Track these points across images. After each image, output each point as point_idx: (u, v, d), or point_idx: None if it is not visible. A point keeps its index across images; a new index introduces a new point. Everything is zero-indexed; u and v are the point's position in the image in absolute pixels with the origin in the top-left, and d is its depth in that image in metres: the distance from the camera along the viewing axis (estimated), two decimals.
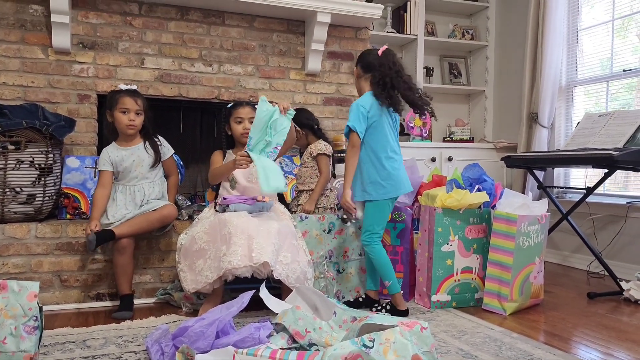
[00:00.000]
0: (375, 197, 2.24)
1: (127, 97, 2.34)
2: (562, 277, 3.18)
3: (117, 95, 2.35)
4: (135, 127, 2.38)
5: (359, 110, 2.23)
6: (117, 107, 2.33)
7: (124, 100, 2.33)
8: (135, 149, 2.40)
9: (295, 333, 1.72)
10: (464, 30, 4.43)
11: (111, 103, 2.36)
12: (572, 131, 3.29)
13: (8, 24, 2.61)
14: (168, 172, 2.53)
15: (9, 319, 1.56)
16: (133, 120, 2.35)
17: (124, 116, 2.34)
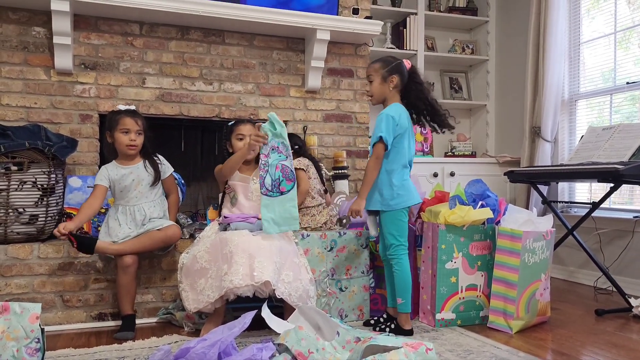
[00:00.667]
0: (393, 206, 2.26)
1: (127, 117, 2.34)
2: (568, 293, 3.14)
3: (117, 116, 2.36)
4: (136, 147, 2.38)
5: (390, 122, 2.24)
6: (118, 128, 2.34)
7: (125, 120, 2.34)
8: (134, 168, 2.40)
9: (298, 354, 1.69)
10: (464, 44, 4.45)
11: (111, 124, 2.36)
12: (576, 145, 3.27)
13: (11, 46, 2.64)
14: (168, 190, 2.53)
15: (11, 341, 1.57)
16: (134, 140, 2.36)
17: (125, 136, 2.34)
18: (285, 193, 2.21)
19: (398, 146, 2.28)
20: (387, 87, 2.32)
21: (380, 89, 2.32)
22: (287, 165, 2.23)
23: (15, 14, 2.64)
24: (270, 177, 2.19)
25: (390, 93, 2.33)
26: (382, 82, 2.31)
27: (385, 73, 2.31)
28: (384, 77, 2.31)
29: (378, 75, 2.31)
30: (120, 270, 2.24)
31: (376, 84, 2.32)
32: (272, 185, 2.19)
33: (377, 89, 2.33)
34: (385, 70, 2.31)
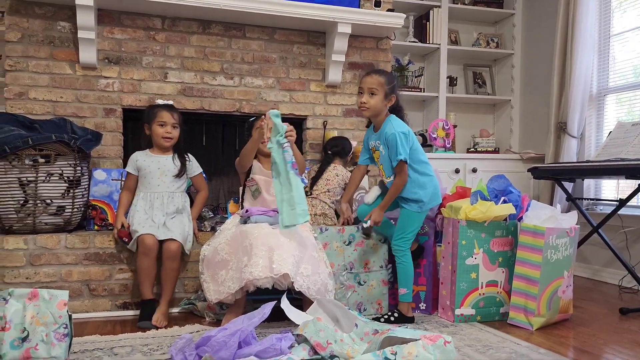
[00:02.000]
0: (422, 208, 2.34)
1: (164, 111, 2.47)
2: (592, 291, 3.08)
3: (155, 109, 2.49)
4: (171, 139, 2.49)
5: (405, 140, 2.27)
6: (155, 121, 2.46)
7: (162, 114, 2.46)
8: (162, 158, 2.50)
9: (317, 344, 1.71)
10: (489, 38, 4.38)
11: (149, 117, 2.48)
12: (604, 141, 3.20)
13: (37, 41, 2.70)
14: (198, 188, 2.64)
15: (40, 326, 1.62)
16: (169, 132, 2.47)
17: (161, 129, 2.46)
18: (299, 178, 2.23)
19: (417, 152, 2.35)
20: (386, 105, 2.32)
21: (380, 106, 2.31)
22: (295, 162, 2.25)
23: (41, 8, 2.70)
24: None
25: (385, 110, 2.34)
26: (384, 99, 2.30)
27: (388, 90, 2.29)
28: (387, 95, 2.30)
29: (382, 90, 2.28)
30: (141, 254, 2.28)
31: (378, 100, 2.28)
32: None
33: (378, 105, 2.30)
34: (389, 87, 2.29)
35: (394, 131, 2.26)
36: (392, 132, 2.26)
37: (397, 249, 2.36)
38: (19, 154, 2.28)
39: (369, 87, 2.28)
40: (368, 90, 2.28)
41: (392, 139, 2.26)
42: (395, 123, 2.31)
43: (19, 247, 2.30)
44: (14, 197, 2.29)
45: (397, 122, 2.32)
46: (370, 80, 2.29)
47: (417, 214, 2.34)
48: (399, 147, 2.24)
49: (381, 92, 2.27)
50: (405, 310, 2.35)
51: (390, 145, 2.27)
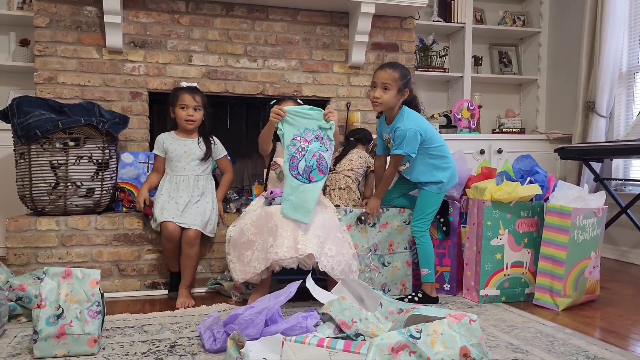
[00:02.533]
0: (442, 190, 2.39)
1: (186, 94, 2.48)
2: (619, 273, 3.04)
3: (177, 92, 2.51)
4: (194, 121, 2.50)
5: (414, 139, 2.27)
6: (178, 104, 2.48)
7: (184, 97, 2.47)
8: (189, 142, 2.52)
9: (342, 323, 1.73)
10: (515, 16, 4.28)
11: (173, 100, 2.51)
12: (634, 120, 3.12)
13: (65, 26, 2.74)
14: (223, 170, 2.66)
15: (74, 303, 1.67)
16: (191, 115, 2.48)
17: (183, 112, 2.48)
18: (313, 182, 2.22)
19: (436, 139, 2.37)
20: (399, 99, 2.30)
21: (393, 100, 2.28)
22: (325, 157, 2.24)
23: None
24: (304, 162, 2.21)
25: (397, 104, 2.32)
26: (397, 94, 2.27)
27: (402, 85, 2.27)
28: (400, 90, 2.27)
29: (396, 85, 2.25)
30: (164, 238, 2.32)
31: (392, 95, 2.26)
32: (304, 170, 2.21)
33: (391, 100, 2.27)
34: (402, 82, 2.26)
35: (405, 128, 2.26)
36: (402, 129, 2.26)
37: (417, 230, 2.38)
38: (50, 138, 2.34)
39: (382, 81, 2.25)
40: (381, 84, 2.25)
41: (401, 135, 2.26)
42: (408, 119, 2.29)
43: (51, 228, 2.38)
44: (46, 180, 2.36)
45: (410, 117, 2.30)
46: (384, 75, 2.25)
47: (437, 194, 2.37)
48: (403, 143, 2.26)
49: (394, 87, 2.25)
50: (429, 290, 2.37)
51: (397, 138, 2.28)
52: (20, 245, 2.34)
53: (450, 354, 1.43)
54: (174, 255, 2.38)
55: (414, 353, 1.43)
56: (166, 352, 1.71)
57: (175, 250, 2.37)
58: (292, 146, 2.20)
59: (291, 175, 2.20)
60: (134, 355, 1.67)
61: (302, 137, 2.22)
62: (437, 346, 1.44)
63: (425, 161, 2.35)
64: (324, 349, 1.47)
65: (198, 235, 2.36)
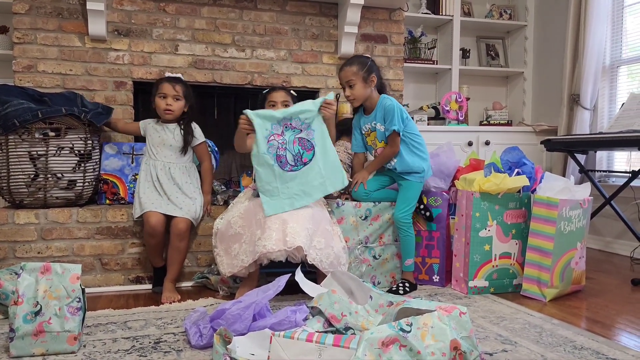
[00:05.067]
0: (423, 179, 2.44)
1: (166, 83, 2.41)
2: (604, 263, 3.08)
3: (159, 82, 2.45)
4: (172, 112, 2.42)
5: (401, 114, 2.36)
6: (157, 93, 2.42)
7: (163, 86, 2.41)
8: (165, 127, 2.45)
9: (331, 317, 1.71)
10: (502, 9, 4.28)
11: (154, 89, 2.45)
12: (616, 113, 3.15)
13: (46, 13, 2.66)
14: (200, 158, 2.55)
15: (53, 300, 1.61)
16: (170, 105, 2.41)
17: (162, 101, 2.41)
18: (308, 163, 2.22)
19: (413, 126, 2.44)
20: (369, 88, 2.36)
21: (364, 92, 2.36)
22: (304, 137, 2.23)
23: None
24: (290, 154, 2.20)
25: (371, 92, 2.38)
26: (364, 85, 2.34)
27: (364, 74, 2.32)
28: (365, 79, 2.33)
29: (358, 78, 2.33)
30: (146, 234, 2.28)
31: (359, 88, 2.34)
32: (294, 160, 2.21)
33: (361, 92, 2.35)
34: (364, 71, 2.32)
35: (393, 103, 2.34)
36: (390, 104, 2.33)
37: (405, 222, 2.40)
38: (29, 128, 2.27)
39: (346, 80, 2.35)
40: (346, 83, 2.35)
41: (391, 110, 2.33)
42: (389, 99, 2.38)
43: (30, 222, 2.31)
44: (25, 171, 2.29)
45: (391, 99, 2.38)
46: (344, 74, 2.35)
47: (419, 184, 2.43)
48: (395, 118, 2.32)
49: (358, 80, 2.32)
50: (412, 278, 2.45)
51: (388, 116, 2.33)
52: None
53: (441, 347, 1.42)
54: (157, 250, 2.33)
55: (404, 347, 1.42)
56: (150, 348, 1.67)
57: (158, 246, 2.31)
58: (272, 147, 2.18)
59: (287, 172, 2.19)
60: (116, 353, 1.63)
61: (274, 134, 2.19)
62: (427, 339, 1.43)
63: (409, 149, 2.40)
64: (313, 343, 1.45)
65: (189, 226, 2.31)
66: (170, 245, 2.30)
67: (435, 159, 2.60)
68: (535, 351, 1.66)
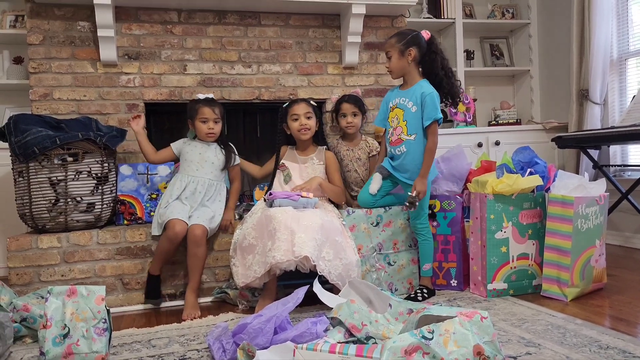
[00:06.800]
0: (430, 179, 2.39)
1: (205, 107, 2.50)
2: (625, 259, 3.04)
3: (196, 105, 2.52)
4: (215, 134, 2.54)
5: (439, 102, 2.33)
6: (197, 117, 2.50)
7: (203, 110, 2.49)
8: (206, 146, 2.54)
9: (352, 327, 1.72)
10: (504, 9, 4.29)
11: (191, 113, 2.53)
12: (628, 106, 3.13)
13: (59, 42, 2.73)
14: (233, 178, 2.66)
15: (80, 322, 1.65)
16: (212, 128, 2.51)
17: (204, 125, 2.50)
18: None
19: None
20: (405, 61, 2.36)
21: (399, 64, 2.36)
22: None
23: (60, 10, 2.74)
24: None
25: (409, 67, 2.37)
26: (400, 57, 2.35)
27: (402, 47, 2.33)
28: (402, 52, 2.34)
29: (395, 50, 2.35)
30: (166, 237, 2.30)
31: (395, 60, 2.36)
32: None
33: (396, 64, 2.37)
34: (401, 44, 2.33)
35: (434, 92, 2.32)
36: (432, 92, 2.32)
37: (423, 227, 2.41)
38: (48, 154, 2.32)
39: (385, 52, 2.40)
40: (386, 55, 2.41)
41: (431, 97, 2.30)
42: (429, 87, 2.34)
43: (53, 246, 2.36)
44: (46, 197, 2.35)
45: (429, 85, 2.36)
46: (385, 45, 2.42)
47: (429, 184, 2.39)
48: (436, 107, 2.30)
49: (395, 52, 2.35)
50: (430, 284, 2.44)
51: (427, 103, 2.30)
52: (22, 265, 2.32)
53: (464, 353, 1.42)
54: (167, 257, 2.36)
55: (427, 354, 1.43)
56: None
57: (170, 253, 2.35)
58: None
59: None
60: None
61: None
62: (450, 346, 1.43)
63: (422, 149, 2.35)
64: (336, 355, 1.46)
65: (205, 233, 2.33)
66: (188, 254, 2.32)
67: (446, 163, 2.60)
68: (560, 352, 1.65)
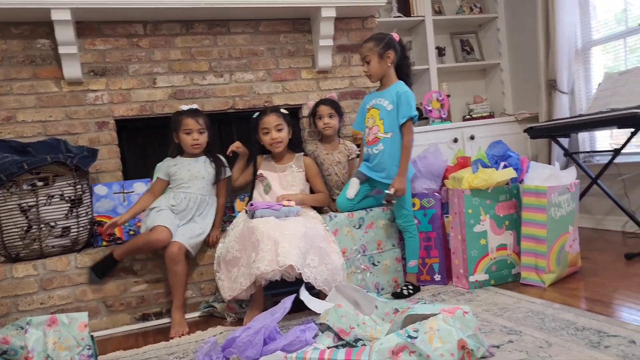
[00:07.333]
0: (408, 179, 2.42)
1: (189, 118, 2.47)
2: (597, 241, 3.13)
3: (179, 117, 2.49)
4: (200, 145, 2.51)
5: (414, 101, 2.37)
6: (181, 129, 2.47)
7: (186, 121, 2.47)
8: (193, 161, 2.51)
9: (340, 331, 1.74)
10: (472, 4, 4.35)
11: (175, 125, 2.50)
12: (594, 93, 3.21)
13: (18, 62, 2.65)
14: (219, 192, 2.61)
15: (63, 350, 1.62)
16: (197, 139, 2.49)
17: (188, 137, 2.48)
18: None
19: None
20: (385, 64, 2.39)
21: (379, 67, 2.40)
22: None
23: (17, 28, 2.64)
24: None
25: (388, 69, 2.40)
26: (380, 60, 2.38)
27: (381, 51, 2.37)
28: (381, 55, 2.37)
29: (374, 54, 2.37)
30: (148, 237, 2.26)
31: (374, 63, 2.39)
32: None
33: (376, 67, 2.39)
34: (380, 47, 2.37)
35: (408, 91, 2.37)
36: (405, 91, 2.36)
37: (408, 225, 2.45)
38: (16, 180, 2.25)
39: (363, 56, 2.42)
40: (363, 59, 2.42)
41: (406, 97, 2.35)
42: (403, 85, 2.40)
43: (29, 274, 2.29)
44: (17, 224, 2.28)
45: (404, 85, 2.40)
46: (362, 50, 2.42)
47: (409, 183, 2.43)
48: (412, 105, 2.34)
49: (373, 55, 2.37)
50: (416, 280, 2.47)
51: (403, 102, 2.34)
52: None
53: (449, 348, 1.46)
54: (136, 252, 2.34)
55: (413, 353, 1.45)
56: None
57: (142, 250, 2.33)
58: None
59: None
60: None
61: None
62: (435, 342, 1.46)
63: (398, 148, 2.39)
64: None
65: (182, 250, 2.29)
66: (168, 273, 2.29)
67: (423, 161, 2.63)
68: (539, 338, 1.70)
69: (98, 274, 2.33)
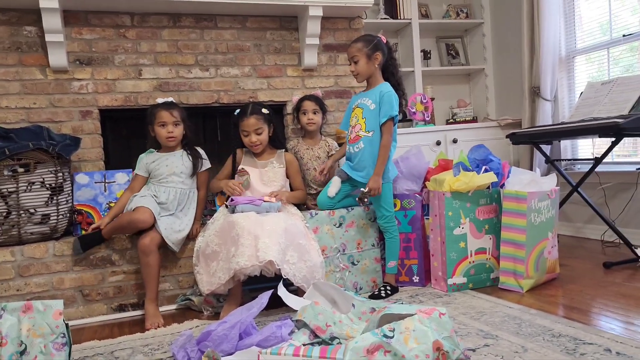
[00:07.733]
0: (389, 179, 2.45)
1: (163, 110, 2.46)
2: (576, 249, 3.18)
3: (154, 110, 2.48)
4: (175, 138, 2.50)
5: (397, 102, 2.40)
6: (156, 122, 2.46)
7: (160, 114, 2.45)
8: (170, 155, 2.50)
9: (316, 328, 1.74)
10: (458, 9, 4.40)
11: (150, 118, 2.49)
12: (576, 102, 3.26)
13: (4, 48, 2.62)
14: (199, 185, 2.59)
15: (37, 337, 1.61)
16: (171, 132, 2.47)
17: (163, 129, 2.46)
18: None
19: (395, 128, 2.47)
20: (372, 65, 2.42)
21: (367, 68, 2.43)
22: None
23: (4, 14, 2.62)
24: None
25: (375, 70, 2.44)
26: (368, 61, 2.41)
27: (369, 51, 2.40)
28: (369, 56, 2.40)
29: (362, 54, 2.40)
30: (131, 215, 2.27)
31: (362, 64, 2.42)
32: None
33: (364, 68, 2.42)
34: (368, 48, 2.40)
35: (391, 91, 2.40)
36: (390, 91, 2.39)
37: (388, 225, 2.46)
38: None
39: (351, 56, 2.44)
40: (351, 59, 2.44)
41: (389, 97, 2.37)
42: (388, 86, 2.43)
43: (6, 260, 2.27)
44: None
45: (388, 86, 2.43)
46: (350, 50, 2.44)
47: (389, 184, 2.46)
48: (394, 105, 2.37)
49: (362, 56, 2.40)
50: (394, 281, 2.49)
51: (385, 101, 2.37)
52: None
53: (424, 349, 1.46)
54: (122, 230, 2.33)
55: (388, 352, 1.46)
56: None
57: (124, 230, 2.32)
58: None
59: None
60: None
61: None
62: (410, 343, 1.47)
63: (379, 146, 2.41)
64: (300, 357, 1.48)
65: (154, 242, 2.27)
66: (141, 264, 2.28)
67: (405, 162, 2.65)
68: (515, 343, 1.71)
69: (83, 245, 2.34)
